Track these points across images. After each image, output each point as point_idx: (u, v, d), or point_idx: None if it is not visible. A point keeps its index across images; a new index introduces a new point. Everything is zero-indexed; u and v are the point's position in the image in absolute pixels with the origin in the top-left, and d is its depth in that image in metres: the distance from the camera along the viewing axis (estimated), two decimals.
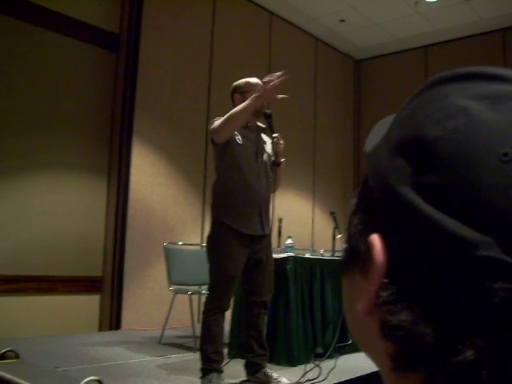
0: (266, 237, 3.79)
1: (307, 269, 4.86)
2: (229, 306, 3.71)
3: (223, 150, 3.70)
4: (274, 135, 3.84)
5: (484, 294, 0.34)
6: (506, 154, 0.35)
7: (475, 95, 0.38)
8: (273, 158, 3.87)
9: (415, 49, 9.22)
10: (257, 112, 3.77)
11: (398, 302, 0.38)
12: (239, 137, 3.72)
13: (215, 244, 3.67)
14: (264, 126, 3.91)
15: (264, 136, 3.91)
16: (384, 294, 0.38)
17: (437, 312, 0.36)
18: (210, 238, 3.73)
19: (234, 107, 3.70)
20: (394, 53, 9.49)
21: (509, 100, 0.37)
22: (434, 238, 0.36)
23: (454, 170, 0.36)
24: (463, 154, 0.36)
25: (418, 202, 0.37)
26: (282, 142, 3.86)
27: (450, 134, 0.37)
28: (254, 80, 3.87)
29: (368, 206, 0.43)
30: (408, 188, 0.38)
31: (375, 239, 0.39)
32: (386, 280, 0.39)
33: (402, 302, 0.37)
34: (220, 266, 3.61)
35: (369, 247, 0.40)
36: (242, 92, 3.81)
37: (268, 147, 3.88)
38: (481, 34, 8.48)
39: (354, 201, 0.46)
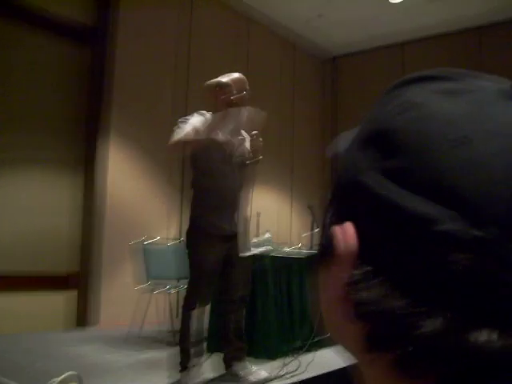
0: (235, 235, 3.81)
1: (285, 264, 4.89)
2: (207, 300, 3.73)
3: (196, 152, 3.72)
4: (253, 132, 3.86)
5: (445, 266, 0.36)
6: (454, 140, 0.39)
7: (429, 91, 0.43)
8: (250, 155, 3.87)
9: (392, 45, 9.28)
10: (233, 107, 3.79)
11: (370, 280, 0.40)
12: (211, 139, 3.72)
13: (192, 241, 3.71)
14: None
15: (242, 132, 3.91)
16: (356, 273, 0.41)
17: (404, 286, 0.38)
18: (187, 234, 3.77)
19: (216, 102, 3.79)
20: (371, 49, 9.55)
21: (458, 95, 0.42)
22: (396, 217, 0.38)
23: (413, 153, 0.39)
24: (418, 140, 0.40)
25: (380, 184, 0.40)
26: (260, 139, 3.88)
27: (406, 125, 0.41)
28: (233, 76, 3.87)
29: (340, 197, 0.46)
30: (374, 174, 0.41)
31: (346, 225, 0.42)
32: (358, 261, 0.41)
33: (373, 279, 0.39)
34: (197, 262, 3.65)
35: (341, 234, 0.42)
36: (223, 88, 3.82)
37: (246, 144, 3.89)
38: (457, 31, 8.57)
39: (328, 197, 0.49)
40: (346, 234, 0.42)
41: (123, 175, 6.44)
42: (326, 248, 0.46)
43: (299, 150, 9.16)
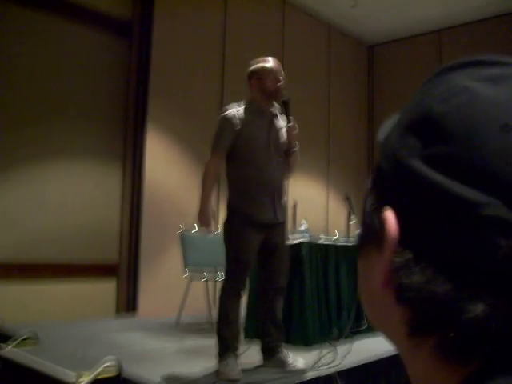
0: (280, 224, 3.82)
1: (322, 253, 4.89)
2: (244, 289, 3.75)
3: (234, 142, 3.73)
4: (289, 124, 3.86)
5: (489, 251, 0.37)
6: (506, 125, 0.39)
7: (477, 77, 0.42)
8: (285, 146, 3.87)
9: (428, 33, 9.15)
10: (269, 96, 3.79)
11: (412, 266, 0.40)
12: (251, 125, 3.74)
13: (230, 230, 3.72)
14: (278, 112, 3.91)
15: (278, 121, 3.91)
16: (398, 260, 0.41)
17: (447, 272, 0.39)
18: (225, 224, 3.78)
19: (251, 92, 3.81)
20: (407, 37, 9.43)
21: (506, 80, 0.41)
22: (442, 202, 0.39)
23: (460, 140, 0.39)
24: (467, 125, 0.40)
25: (427, 171, 0.40)
26: (296, 127, 3.87)
27: (454, 110, 0.41)
28: (268, 65, 3.84)
29: (381, 185, 0.46)
30: (417, 160, 0.41)
31: (388, 212, 0.43)
32: (399, 248, 0.42)
33: (415, 265, 0.40)
34: (234, 251, 3.67)
35: (382, 221, 0.43)
36: (259, 78, 3.81)
37: (282, 133, 3.88)
38: (493, 17, 8.41)
39: (368, 185, 0.49)
40: (388, 220, 0.43)
41: (161, 164, 6.49)
42: (367, 235, 0.47)
43: (335, 137, 9.11)
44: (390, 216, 0.43)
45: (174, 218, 6.44)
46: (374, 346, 4.30)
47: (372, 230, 0.45)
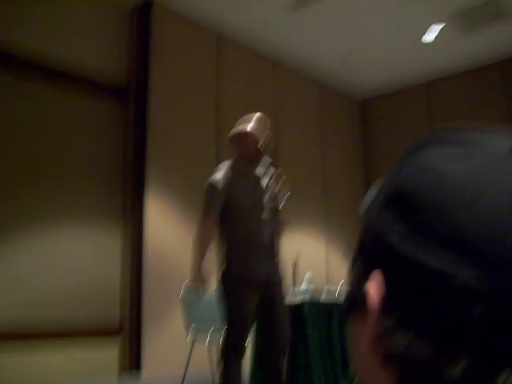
0: (276, 284, 3.81)
1: (325, 311, 4.86)
2: (244, 348, 3.71)
3: (223, 205, 3.77)
4: (276, 173, 3.92)
5: (463, 318, 0.40)
6: (470, 199, 0.43)
7: (444, 155, 0.47)
8: (274, 204, 3.90)
9: (418, 86, 9.32)
10: (251, 159, 3.85)
11: (394, 331, 0.43)
12: (237, 188, 3.79)
13: (224, 292, 3.73)
14: (263, 172, 3.94)
15: (263, 181, 3.94)
16: (381, 326, 0.45)
17: (427, 337, 0.42)
18: (219, 286, 3.79)
19: (234, 155, 3.93)
20: (398, 91, 9.60)
21: (469, 158, 0.45)
22: (417, 273, 0.42)
23: (430, 215, 0.43)
24: (436, 201, 0.44)
25: (401, 244, 0.44)
26: (283, 175, 3.90)
27: (423, 188, 0.45)
28: (248, 128, 3.89)
29: (363, 255, 0.50)
30: (393, 235, 0.45)
31: (369, 282, 0.46)
32: (383, 314, 0.45)
33: (397, 330, 0.43)
34: (231, 312, 3.67)
35: (365, 290, 0.47)
36: (238, 143, 3.91)
37: (269, 192, 3.91)
38: (482, 67, 8.59)
39: (352, 256, 0.53)
40: (369, 290, 0.46)
41: (161, 224, 6.52)
42: (353, 302, 0.51)
43: (332, 192, 9.14)
44: (371, 285, 0.46)
45: (176, 277, 6.41)
46: None
47: (356, 298, 0.49)
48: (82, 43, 6.40)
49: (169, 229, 6.58)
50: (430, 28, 7.60)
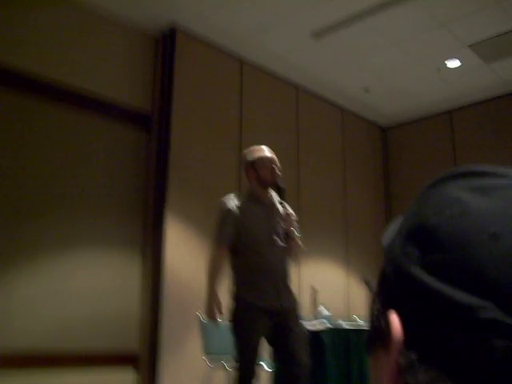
0: (288, 311, 3.81)
1: (343, 338, 4.82)
2: (255, 373, 3.70)
3: (236, 233, 3.78)
4: (286, 209, 3.91)
5: (487, 353, 0.39)
6: (494, 234, 0.42)
7: (468, 188, 0.46)
8: (285, 231, 3.90)
9: (440, 114, 9.29)
10: (266, 185, 3.88)
11: (416, 367, 0.43)
12: (250, 214, 3.80)
13: (234, 319, 3.75)
14: (276, 199, 3.96)
15: (277, 208, 3.96)
16: (403, 360, 0.44)
17: (449, 372, 0.41)
18: (230, 312, 3.81)
19: (249, 181, 3.97)
20: (420, 119, 9.57)
21: (495, 191, 0.45)
22: (440, 307, 0.42)
23: (453, 248, 0.43)
24: (459, 235, 0.43)
25: (425, 277, 0.44)
26: (293, 214, 3.91)
27: (447, 221, 0.45)
28: (263, 154, 3.97)
29: (386, 288, 0.50)
30: (417, 267, 0.45)
31: (392, 316, 0.46)
32: (405, 350, 0.44)
33: (419, 366, 0.43)
34: (241, 339, 3.69)
35: (388, 324, 0.46)
36: (255, 168, 3.95)
37: (281, 219, 3.93)
38: (504, 94, 8.54)
39: (374, 289, 0.52)
40: (393, 323, 0.46)
41: (181, 252, 6.51)
42: (375, 336, 0.50)
43: (353, 221, 9.09)
44: (394, 319, 0.46)
45: (195, 305, 6.39)
46: None
47: (379, 332, 0.48)
48: (106, 69, 6.49)
49: (188, 257, 6.58)
50: (454, 56, 7.59)
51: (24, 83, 5.78)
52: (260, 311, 3.68)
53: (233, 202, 3.86)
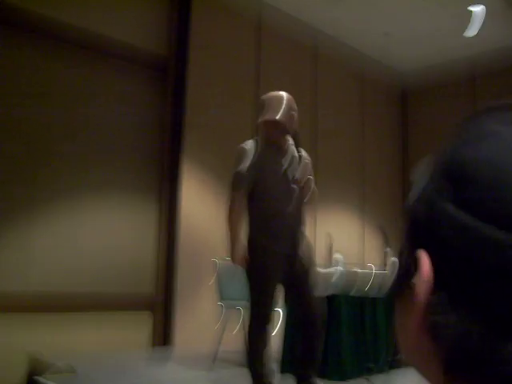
0: (301, 258, 3.82)
1: (356, 301, 4.84)
2: (270, 321, 3.73)
3: (253, 177, 3.77)
4: (300, 154, 3.89)
5: None
6: None
7: (504, 121, 0.44)
8: (300, 176, 3.88)
9: (462, 79, 9.08)
10: (282, 130, 3.82)
11: (446, 306, 0.41)
12: (267, 159, 3.78)
13: (250, 264, 3.75)
14: (292, 144, 3.93)
15: (293, 154, 3.93)
16: (433, 300, 0.43)
17: (481, 311, 0.39)
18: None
19: (265, 127, 3.87)
20: (441, 83, 9.32)
21: None
22: (474, 244, 0.40)
23: (489, 183, 0.41)
24: (496, 169, 0.41)
25: (459, 214, 0.41)
26: (307, 160, 3.89)
27: (483, 154, 0.42)
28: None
29: (415, 227, 0.47)
30: (450, 204, 0.42)
31: (422, 255, 0.44)
32: (433, 289, 0.43)
33: (449, 305, 0.41)
34: (256, 284, 3.70)
35: (417, 263, 0.44)
36: (263, 127, 3.89)
37: (297, 165, 3.90)
38: None
39: (403, 227, 0.50)
40: (422, 262, 0.44)
41: (196, 199, 6.54)
42: (402, 276, 0.48)
43: (370, 176, 9.09)
44: (424, 258, 0.44)
45: (209, 251, 6.46)
46: (410, 377, 4.22)
47: (407, 272, 0.47)
48: (122, 17, 6.39)
49: (203, 204, 6.61)
50: (478, 1, 7.38)
51: (40, 28, 5.71)
52: (276, 256, 3.70)
53: (251, 147, 3.84)
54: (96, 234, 5.91)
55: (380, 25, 8.00)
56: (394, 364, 4.75)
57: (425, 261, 0.43)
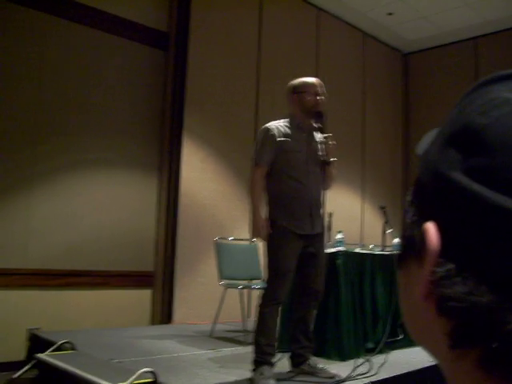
0: (318, 235, 3.89)
1: (357, 263, 4.86)
2: (284, 299, 3.79)
3: (274, 157, 3.78)
4: (325, 135, 3.89)
5: None
6: None
7: None
8: (323, 158, 3.91)
9: (464, 41, 9.04)
10: (309, 111, 3.84)
11: (453, 277, 0.40)
12: (290, 139, 3.78)
13: (270, 242, 3.77)
14: (316, 126, 3.95)
15: (316, 134, 3.94)
16: (439, 271, 0.41)
17: (490, 282, 0.38)
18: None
19: (291, 106, 3.92)
20: (443, 45, 9.33)
21: None
22: (484, 213, 0.39)
23: (501, 151, 0.39)
24: (508, 136, 0.40)
25: (468, 182, 0.40)
26: (333, 142, 3.91)
27: (495, 121, 0.41)
28: (310, 80, 3.95)
29: (421, 197, 0.46)
30: (458, 172, 0.41)
31: (429, 224, 0.43)
32: (440, 260, 0.42)
33: (456, 276, 0.40)
34: (275, 262, 3.73)
35: (423, 233, 0.43)
36: (299, 92, 3.89)
37: (320, 146, 3.92)
38: None
39: (408, 198, 0.49)
40: (429, 232, 0.43)
41: (196, 174, 6.54)
42: (407, 247, 0.47)
43: (370, 148, 9.06)
44: (430, 228, 0.43)
45: (210, 227, 6.48)
46: (410, 358, 4.25)
47: (412, 243, 0.46)
48: None
49: (204, 179, 6.60)
50: None
51: (37, 4, 5.63)
52: (295, 236, 3.75)
53: (274, 126, 3.86)
54: (95, 211, 5.90)
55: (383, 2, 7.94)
56: (393, 345, 4.77)
57: (433, 232, 0.42)
